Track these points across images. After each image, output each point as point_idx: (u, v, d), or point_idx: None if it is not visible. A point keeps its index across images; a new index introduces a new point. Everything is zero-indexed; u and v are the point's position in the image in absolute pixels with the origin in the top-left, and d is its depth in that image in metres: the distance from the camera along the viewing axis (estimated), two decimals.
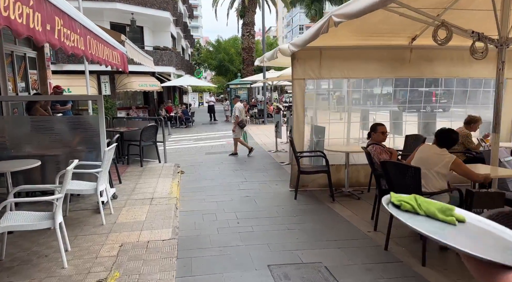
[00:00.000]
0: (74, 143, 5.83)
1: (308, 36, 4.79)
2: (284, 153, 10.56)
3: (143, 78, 20.69)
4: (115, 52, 4.40)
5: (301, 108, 6.06)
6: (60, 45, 2.45)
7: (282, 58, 8.13)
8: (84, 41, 3.03)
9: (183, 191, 6.40)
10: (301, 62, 5.94)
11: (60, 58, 18.39)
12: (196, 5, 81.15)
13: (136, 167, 7.98)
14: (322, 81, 6.69)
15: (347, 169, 5.83)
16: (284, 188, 6.42)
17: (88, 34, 3.17)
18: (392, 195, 1.09)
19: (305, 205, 5.43)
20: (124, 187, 6.39)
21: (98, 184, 4.61)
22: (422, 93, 8.07)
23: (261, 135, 15.20)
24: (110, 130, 8.35)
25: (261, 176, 7.49)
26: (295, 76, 5.99)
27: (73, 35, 2.68)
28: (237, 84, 26.13)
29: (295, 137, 6.05)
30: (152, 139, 8.23)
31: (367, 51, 6.04)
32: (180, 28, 28.74)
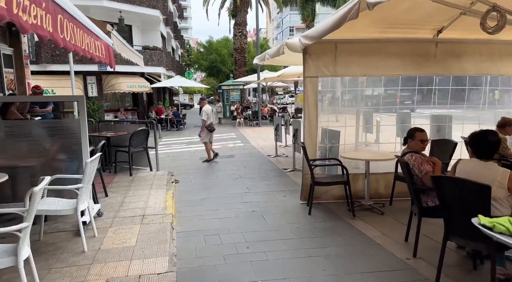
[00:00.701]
0: (53, 151, 5.00)
1: (328, 25, 4.06)
2: (284, 157, 9.83)
3: (132, 79, 19.78)
4: (99, 42, 3.61)
5: (313, 111, 5.33)
6: (11, 18, 1.67)
7: (283, 57, 7.45)
8: (52, 21, 2.25)
9: (179, 204, 5.60)
10: (313, 57, 5.22)
11: (43, 57, 17.39)
12: (186, 6, 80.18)
13: (124, 176, 7.15)
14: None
15: (367, 179, 5.11)
16: (294, 200, 5.67)
17: (60, 13, 2.39)
18: (481, 217, 1.23)
19: (322, 221, 4.68)
20: (110, 201, 5.57)
21: (78, 203, 3.80)
22: (431, 92, 7.37)
23: (257, 138, 14.45)
24: (96, 135, 7.52)
25: (265, 185, 6.73)
26: (307, 73, 5.26)
27: (35, 9, 1.91)
28: (230, 86, 25.35)
29: (307, 143, 5.31)
30: (143, 145, 7.41)
31: (387, 45, 5.34)
32: (170, 28, 27.86)
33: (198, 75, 66.95)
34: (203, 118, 9.22)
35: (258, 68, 19.36)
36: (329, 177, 5.23)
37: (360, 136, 7.92)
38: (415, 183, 3.61)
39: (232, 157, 10.45)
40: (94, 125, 8.17)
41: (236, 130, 17.77)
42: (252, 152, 11.25)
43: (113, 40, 4.63)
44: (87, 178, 3.90)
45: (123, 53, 5.78)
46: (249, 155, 10.58)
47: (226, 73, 37.14)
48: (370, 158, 4.99)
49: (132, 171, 7.20)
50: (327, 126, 5.61)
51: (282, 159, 9.62)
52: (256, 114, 19.95)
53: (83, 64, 17.95)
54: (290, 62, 10.46)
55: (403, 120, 7.93)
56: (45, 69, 17.50)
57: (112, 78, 19.04)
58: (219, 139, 14.76)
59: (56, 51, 17.48)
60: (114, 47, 4.65)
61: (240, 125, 19.91)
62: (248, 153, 10.97)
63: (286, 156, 10.05)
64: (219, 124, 22.00)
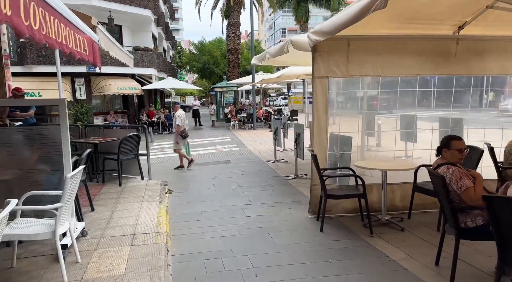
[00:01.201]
0: (30, 162, 4.41)
1: (346, 18, 3.54)
2: (284, 163, 9.32)
3: (122, 80, 19.10)
4: (80, 36, 3.05)
5: (323, 115, 4.81)
6: None
7: (283, 57, 6.96)
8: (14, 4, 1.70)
9: (174, 219, 5.04)
10: (324, 56, 4.70)
11: (29, 58, 16.64)
12: (177, 7, 79.42)
13: (113, 186, 6.55)
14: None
15: (384, 191, 4.60)
16: (301, 213, 5.14)
17: None
18: None
19: (337, 240, 4.15)
20: (97, 216, 4.97)
21: (57, 225, 3.22)
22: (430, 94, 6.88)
23: (253, 142, 13.91)
24: (82, 142, 6.91)
25: (267, 196, 6.19)
26: (316, 73, 4.74)
27: None
28: (223, 87, 24.79)
29: (316, 150, 4.78)
30: (133, 152, 6.82)
31: (404, 43, 4.85)
32: (162, 28, 27.20)
33: (189, 77, 66.27)
34: (178, 123, 8.61)
35: (253, 69, 18.85)
36: (343, 189, 4.70)
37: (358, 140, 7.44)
38: (451, 200, 3.10)
39: (229, 162, 9.90)
40: (81, 131, 7.56)
41: (230, 134, 17.21)
42: (249, 156, 10.71)
43: (99, 36, 4.06)
44: (68, 195, 3.32)
45: (111, 52, 5.20)
46: (246, 160, 10.04)
47: (219, 75, 36.53)
48: (388, 168, 4.48)
49: (121, 181, 6.60)
50: (338, 131, 5.09)
51: (282, 165, 9.10)
52: (250, 117, 19.41)
53: (71, 66, 17.26)
54: (290, 62, 9.96)
55: (407, 123, 7.49)
56: (30, 71, 16.76)
57: (101, 80, 18.36)
58: (214, 143, 14.19)
59: (42, 51, 16.77)
60: (100, 44, 4.08)
61: (235, 128, 19.36)
62: (245, 158, 10.43)
63: (286, 161, 9.54)
64: (213, 127, 21.43)
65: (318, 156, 4.66)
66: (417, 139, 7.12)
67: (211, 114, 22.70)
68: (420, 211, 4.94)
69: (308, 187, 6.60)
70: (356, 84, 6.18)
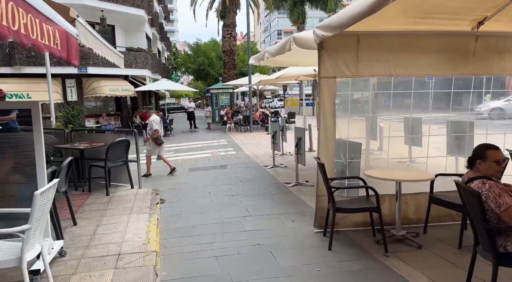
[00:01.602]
0: (4, 172, 3.93)
1: (360, 8, 3.09)
2: (283, 168, 8.86)
3: (115, 82, 18.57)
4: (50, 26, 2.56)
5: (330, 118, 4.35)
6: None
7: (282, 57, 6.54)
8: None
9: (165, 235, 4.54)
10: (331, 54, 4.24)
11: (17, 59, 16.06)
12: (172, 9, 78.89)
13: (100, 196, 6.04)
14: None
15: (399, 203, 4.15)
16: (306, 228, 4.67)
17: None
18: None
19: (348, 261, 3.69)
20: (79, 231, 4.47)
21: (23, 251, 2.73)
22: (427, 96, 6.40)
23: (250, 145, 13.44)
24: (67, 148, 6.40)
25: (268, 206, 5.71)
26: (323, 73, 4.28)
27: None
28: (219, 89, 24.31)
29: (323, 158, 4.32)
30: (122, 159, 6.31)
31: (419, 40, 4.41)
32: (156, 29, 26.69)
33: (185, 79, 65.72)
34: (156, 128, 7.96)
35: (250, 70, 18.41)
36: (353, 201, 4.23)
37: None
38: (487, 219, 2.65)
39: (225, 167, 9.42)
40: (67, 135, 7.04)
41: (226, 137, 16.73)
42: (246, 161, 10.24)
43: (78, 30, 3.58)
44: (38, 214, 2.82)
45: (95, 49, 4.71)
46: (243, 165, 9.57)
47: (214, 77, 36.04)
48: (403, 178, 4.02)
49: (109, 190, 6.09)
50: (347, 137, 4.62)
51: (281, 170, 8.64)
52: (247, 119, 18.94)
53: (61, 67, 16.72)
54: (289, 62, 9.50)
55: (412, 127, 7.07)
56: (19, 72, 16.21)
57: (93, 82, 17.81)
58: (209, 146, 13.70)
59: (31, 52, 16.21)
60: (79, 39, 3.59)
61: (231, 131, 18.87)
62: (242, 163, 9.95)
63: (285, 166, 9.08)
64: (208, 129, 20.93)
65: (324, 163, 4.20)
66: (422, 144, 6.70)
67: (207, 116, 22.20)
68: (435, 224, 4.50)
69: (311, 195, 6.18)
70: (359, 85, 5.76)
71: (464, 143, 5.86)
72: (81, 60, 17.06)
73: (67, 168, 4.33)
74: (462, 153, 5.81)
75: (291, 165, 9.21)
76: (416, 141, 6.78)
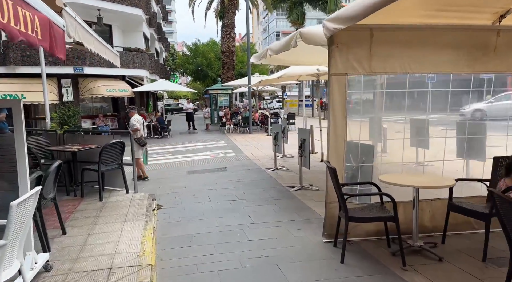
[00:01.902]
0: None
1: None
2: (285, 171, 8.52)
3: (112, 82, 18.21)
4: (29, 12, 2.22)
5: (341, 119, 4.02)
6: None
7: (284, 55, 6.24)
8: None
9: (161, 245, 4.20)
10: (342, 49, 3.91)
11: (12, 59, 15.68)
12: (170, 10, 78.55)
13: (93, 201, 5.68)
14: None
15: (416, 211, 3.81)
16: (314, 237, 4.33)
17: None
18: None
19: (363, 276, 3.35)
20: (68, 242, 4.12)
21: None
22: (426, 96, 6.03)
23: (250, 147, 13.09)
24: (59, 150, 6.05)
25: (271, 212, 5.37)
26: (333, 70, 3.95)
27: None
28: (218, 90, 23.97)
29: (333, 162, 3.99)
30: (117, 162, 5.96)
31: (437, 34, 4.09)
32: (154, 29, 26.35)
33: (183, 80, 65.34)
34: (137, 127, 7.51)
35: (249, 70, 18.10)
36: (367, 209, 3.89)
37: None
38: None
39: (225, 170, 9.08)
40: (59, 137, 6.69)
41: (226, 138, 16.39)
42: (246, 163, 9.90)
43: (66, 21, 3.24)
44: (15, 228, 2.48)
45: (87, 44, 4.37)
46: (244, 168, 9.23)
47: (213, 78, 35.71)
48: (421, 184, 3.70)
49: (102, 195, 5.73)
50: (358, 139, 4.28)
51: (283, 173, 8.30)
52: (246, 120, 18.59)
53: (57, 66, 16.37)
54: (292, 61, 9.14)
55: (418, 128, 6.75)
56: (14, 72, 15.83)
57: (90, 82, 17.46)
58: (208, 148, 13.36)
59: (26, 52, 15.84)
60: (68, 30, 3.25)
61: (230, 132, 18.53)
62: (243, 165, 9.61)
63: (287, 169, 8.75)
64: (207, 131, 20.59)
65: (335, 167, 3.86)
66: (429, 146, 6.38)
67: (205, 117, 21.84)
68: (453, 233, 4.17)
69: (317, 200, 5.85)
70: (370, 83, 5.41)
71: (475, 145, 5.56)
72: (77, 60, 16.70)
73: (55, 173, 3.99)
74: (473, 156, 5.52)
75: (293, 167, 8.89)
76: (423, 143, 6.47)
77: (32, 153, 5.45)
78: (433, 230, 4.30)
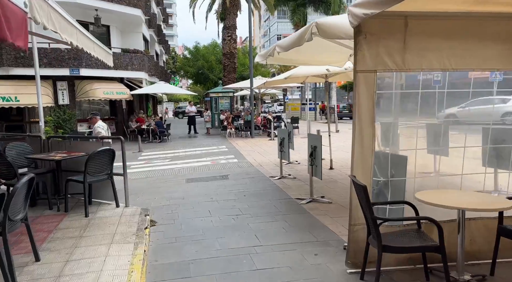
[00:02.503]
0: None
1: None
2: (292, 179, 7.86)
3: (109, 84, 17.58)
4: None
5: (368, 123, 3.34)
6: None
7: (291, 54, 5.66)
8: None
9: (153, 275, 3.51)
10: (371, 40, 3.25)
11: (5, 60, 15.06)
12: (171, 13, 78.17)
13: (78, 217, 5.00)
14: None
15: (462, 237, 3.14)
16: (334, 265, 3.64)
17: None
18: None
19: None
20: (41, 271, 3.43)
21: None
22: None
23: (253, 152, 12.43)
24: (41, 159, 5.38)
25: (281, 231, 4.69)
26: (360, 66, 3.29)
27: None
28: (219, 93, 23.36)
29: (359, 176, 3.32)
30: (106, 172, 5.28)
31: (483, 24, 3.42)
32: (154, 31, 25.77)
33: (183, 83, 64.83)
34: (101, 134, 6.64)
35: (251, 72, 17.47)
36: (403, 236, 3.17)
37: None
38: None
39: (226, 178, 8.41)
40: (43, 143, 6.02)
41: (227, 143, 15.72)
42: (249, 171, 9.23)
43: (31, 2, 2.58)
44: None
45: (67, 36, 3.72)
46: (247, 176, 8.56)
47: (214, 81, 35.15)
48: (471, 206, 3.01)
49: (88, 210, 5.04)
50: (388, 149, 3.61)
51: (290, 182, 7.63)
52: (248, 124, 17.93)
53: (52, 68, 15.77)
54: (297, 61, 8.47)
55: (436, 133, 6.09)
56: (7, 74, 15.21)
57: (86, 84, 16.83)
58: (209, 153, 12.69)
59: (20, 53, 15.23)
60: (34, 15, 2.60)
61: (231, 137, 17.87)
62: (245, 173, 8.93)
63: (294, 177, 8.08)
64: (208, 135, 19.93)
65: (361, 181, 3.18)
66: (448, 153, 5.71)
67: (206, 121, 21.18)
68: (501, 261, 3.49)
69: (332, 216, 5.17)
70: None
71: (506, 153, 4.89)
72: (73, 61, 16.08)
73: (25, 189, 3.32)
74: (504, 166, 4.84)
75: (300, 175, 8.22)
76: (441, 150, 5.81)
77: (7, 161, 4.78)
78: (475, 257, 3.62)
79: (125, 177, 5.33)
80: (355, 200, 3.36)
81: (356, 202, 3.35)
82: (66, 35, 3.69)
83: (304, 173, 8.57)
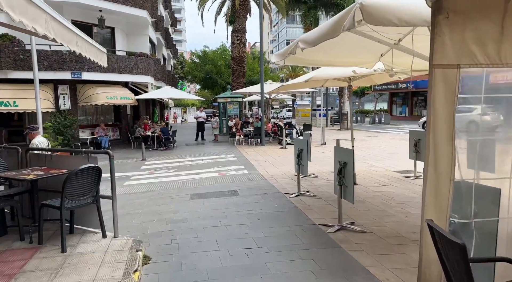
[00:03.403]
0: None
1: None
2: (312, 198, 6.83)
3: (113, 89, 16.73)
4: None
5: (445, 140, 2.31)
6: None
7: (305, 54, 4.74)
8: None
9: None
10: (456, 21, 2.22)
11: (3, 63, 14.29)
12: (180, 18, 77.88)
13: (53, 252, 4.00)
14: None
15: None
16: None
17: None
18: None
19: None
20: None
21: None
22: None
23: (264, 162, 11.40)
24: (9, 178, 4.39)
25: (309, 275, 3.63)
26: (438, 58, 2.25)
27: None
28: (227, 98, 22.42)
29: (430, 212, 2.27)
30: (90, 195, 4.27)
31: None
32: (161, 34, 24.98)
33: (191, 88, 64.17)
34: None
35: (262, 77, 16.49)
36: None
37: None
38: None
39: (236, 194, 7.40)
40: (20, 156, 5.06)
41: (236, 151, 14.72)
42: (262, 185, 8.20)
43: None
44: None
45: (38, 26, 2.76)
46: (260, 192, 7.53)
47: (222, 86, 34.30)
48: None
49: (66, 243, 4.03)
50: (474, 176, 2.55)
51: (309, 201, 6.59)
52: (258, 131, 16.92)
53: (53, 71, 14.98)
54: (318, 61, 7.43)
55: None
56: (5, 77, 14.45)
57: (89, 88, 16.01)
58: (216, 163, 11.69)
59: (19, 55, 14.46)
60: None
61: (240, 144, 16.88)
62: (258, 188, 7.91)
63: (314, 195, 7.04)
64: (215, 142, 18.96)
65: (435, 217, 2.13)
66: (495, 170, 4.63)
67: (214, 127, 20.23)
68: None
69: (371, 253, 4.08)
70: None
71: None
72: (75, 64, 15.26)
73: None
74: None
75: (320, 193, 7.19)
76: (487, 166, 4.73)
77: None
78: None
79: (114, 201, 4.33)
80: (428, 250, 2.32)
81: (429, 255, 2.31)
82: (30, 22, 2.73)
83: (324, 189, 7.53)
